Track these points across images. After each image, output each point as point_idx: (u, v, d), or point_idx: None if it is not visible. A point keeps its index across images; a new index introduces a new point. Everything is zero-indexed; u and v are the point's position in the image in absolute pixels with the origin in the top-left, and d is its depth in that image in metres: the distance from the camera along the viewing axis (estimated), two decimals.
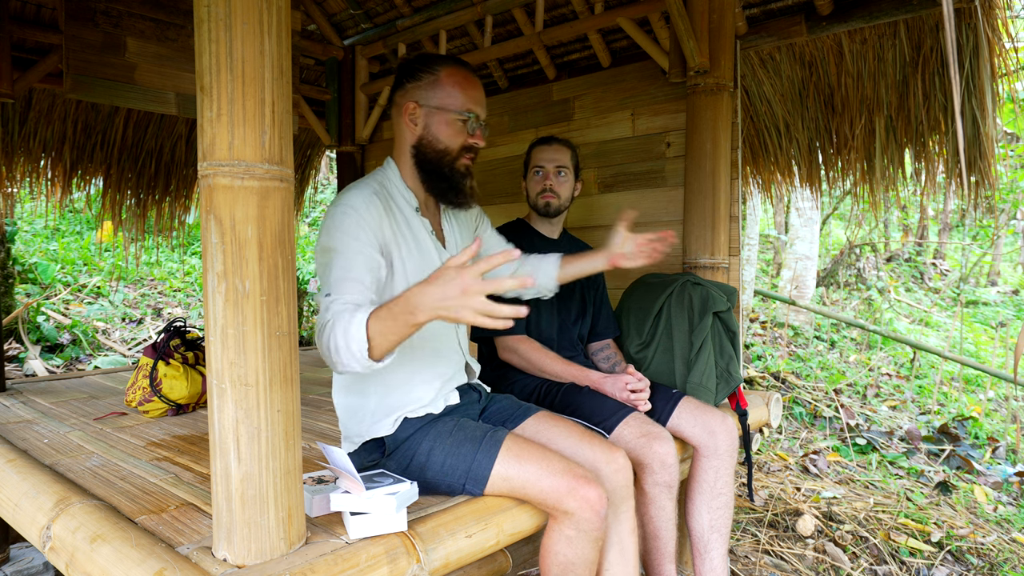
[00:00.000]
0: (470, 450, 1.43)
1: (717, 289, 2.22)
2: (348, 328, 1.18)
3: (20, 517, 1.43)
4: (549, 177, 2.10)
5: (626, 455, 1.59)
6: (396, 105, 1.54)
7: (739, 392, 2.19)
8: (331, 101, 3.87)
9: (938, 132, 2.51)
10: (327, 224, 1.38)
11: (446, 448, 1.45)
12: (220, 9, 1.03)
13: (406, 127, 1.52)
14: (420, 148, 1.51)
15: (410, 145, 1.52)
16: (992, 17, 2.17)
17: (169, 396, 2.30)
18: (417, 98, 1.50)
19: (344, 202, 1.38)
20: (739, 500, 3.09)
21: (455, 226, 1.67)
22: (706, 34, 2.39)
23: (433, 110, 1.49)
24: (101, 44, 2.69)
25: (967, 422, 4.32)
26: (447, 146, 1.51)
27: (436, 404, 1.53)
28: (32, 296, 5.45)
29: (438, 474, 1.44)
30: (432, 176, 1.53)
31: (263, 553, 1.09)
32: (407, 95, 1.51)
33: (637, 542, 1.62)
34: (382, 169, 1.56)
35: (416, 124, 1.50)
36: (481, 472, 1.41)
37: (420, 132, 1.51)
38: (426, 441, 1.47)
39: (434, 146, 1.50)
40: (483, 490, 1.42)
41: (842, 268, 8.62)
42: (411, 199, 1.54)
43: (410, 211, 1.52)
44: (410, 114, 1.50)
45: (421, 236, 1.52)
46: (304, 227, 8.68)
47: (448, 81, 1.49)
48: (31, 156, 3.33)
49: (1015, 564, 2.67)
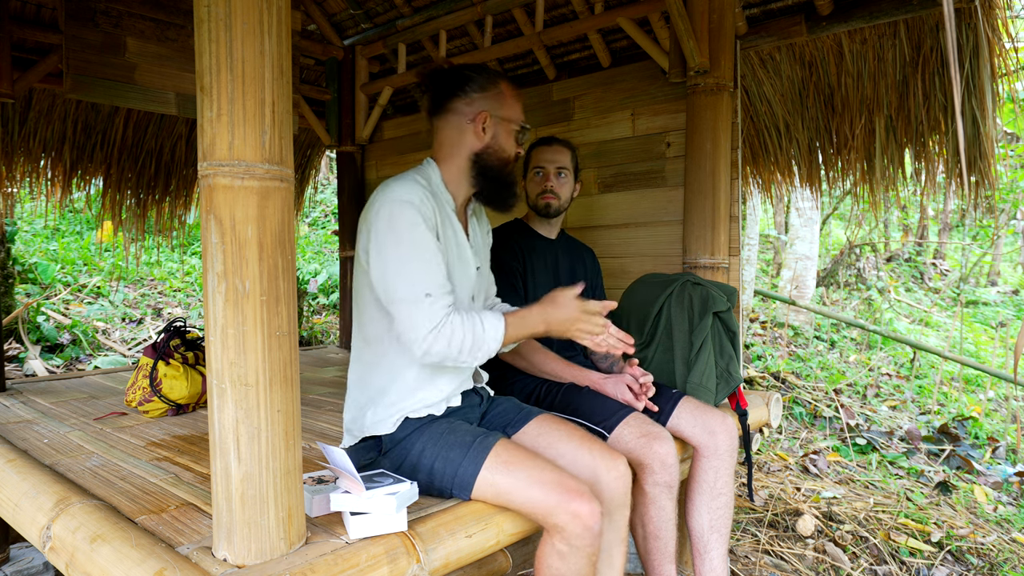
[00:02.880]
0: (458, 455, 1.41)
1: (717, 289, 2.21)
2: (483, 331, 1.40)
3: (20, 517, 1.43)
4: (549, 178, 2.10)
5: (627, 463, 1.59)
6: (458, 112, 1.55)
7: (739, 392, 2.19)
8: (331, 101, 3.87)
9: (938, 132, 2.51)
10: (385, 217, 1.40)
11: (436, 451, 1.44)
12: (220, 9, 1.03)
13: (472, 134, 1.55)
14: (484, 156, 1.56)
15: (472, 151, 1.56)
16: (992, 17, 2.17)
17: (169, 396, 2.30)
18: (487, 108, 1.54)
19: (400, 197, 1.40)
20: (739, 500, 3.09)
21: (478, 231, 1.72)
22: (706, 34, 2.39)
23: (501, 120, 1.56)
24: (101, 44, 2.69)
25: (967, 422, 4.32)
26: (509, 155, 1.60)
27: (439, 406, 1.53)
28: (32, 296, 5.45)
29: (427, 476, 1.43)
30: (493, 182, 1.59)
31: (263, 553, 1.09)
32: (475, 104, 1.54)
33: (627, 551, 1.62)
34: (423, 168, 1.57)
35: (486, 133, 1.55)
36: (467, 479, 1.39)
37: (488, 141, 1.56)
38: (419, 442, 1.46)
39: (499, 155, 1.58)
40: (470, 495, 1.40)
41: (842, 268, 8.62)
42: (450, 200, 1.58)
43: (449, 211, 1.56)
44: (483, 123, 1.54)
45: (459, 235, 1.57)
46: (304, 227, 8.68)
47: (509, 94, 1.59)
48: (31, 156, 3.33)
49: (1015, 564, 2.67)
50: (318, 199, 9.44)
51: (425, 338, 1.35)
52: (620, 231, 2.87)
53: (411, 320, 1.36)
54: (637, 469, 1.79)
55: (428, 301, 1.35)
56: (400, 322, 1.38)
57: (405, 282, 1.36)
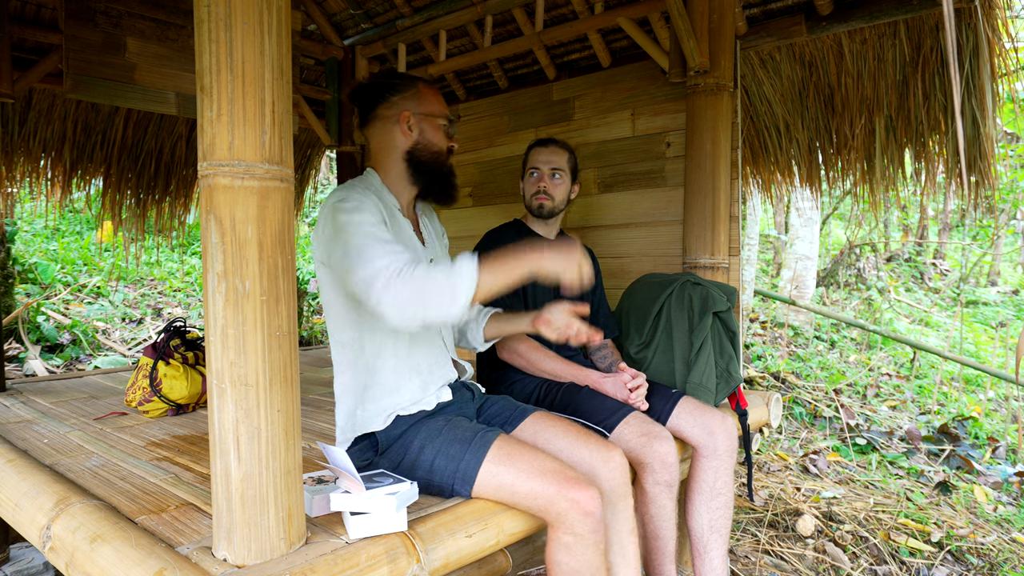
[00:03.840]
0: (459, 450, 1.43)
1: (717, 289, 2.21)
2: (456, 270, 1.30)
3: (20, 517, 1.43)
4: (544, 179, 2.10)
5: (623, 453, 1.60)
6: (382, 117, 1.62)
7: (739, 392, 2.19)
8: (331, 101, 3.87)
9: (938, 132, 2.50)
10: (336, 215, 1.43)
11: (436, 447, 1.45)
12: (220, 9, 1.03)
13: (400, 134, 1.61)
14: (415, 153, 1.62)
15: (403, 151, 1.62)
16: (992, 17, 2.17)
17: (169, 396, 2.30)
18: (408, 107, 1.60)
19: (344, 197, 1.46)
20: (739, 500, 3.09)
21: (429, 228, 1.76)
22: (706, 34, 2.39)
23: (424, 117, 1.61)
24: (101, 44, 2.69)
25: (967, 422, 4.32)
26: (439, 148, 1.64)
27: (427, 401, 1.55)
28: (32, 296, 5.45)
29: (428, 473, 1.44)
30: (429, 177, 1.64)
31: (263, 553, 1.09)
32: (395, 106, 1.61)
33: (638, 542, 1.62)
34: (364, 176, 1.64)
35: (411, 131, 1.61)
36: (469, 472, 1.40)
37: (416, 138, 1.61)
38: (417, 439, 1.48)
39: (429, 149, 1.62)
40: (471, 490, 1.41)
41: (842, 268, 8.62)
42: (393, 201, 1.62)
43: (396, 210, 1.61)
44: (407, 122, 1.60)
45: (408, 230, 1.62)
46: (304, 227, 8.68)
47: (427, 91, 1.64)
48: (31, 156, 3.33)
49: (1015, 564, 2.67)
50: (318, 199, 9.45)
51: (388, 283, 1.29)
52: (620, 231, 2.87)
53: (372, 276, 1.32)
54: (637, 468, 1.80)
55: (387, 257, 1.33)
56: (364, 287, 1.33)
57: (364, 256, 1.35)
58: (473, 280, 1.31)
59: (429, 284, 1.30)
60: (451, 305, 1.30)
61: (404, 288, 1.29)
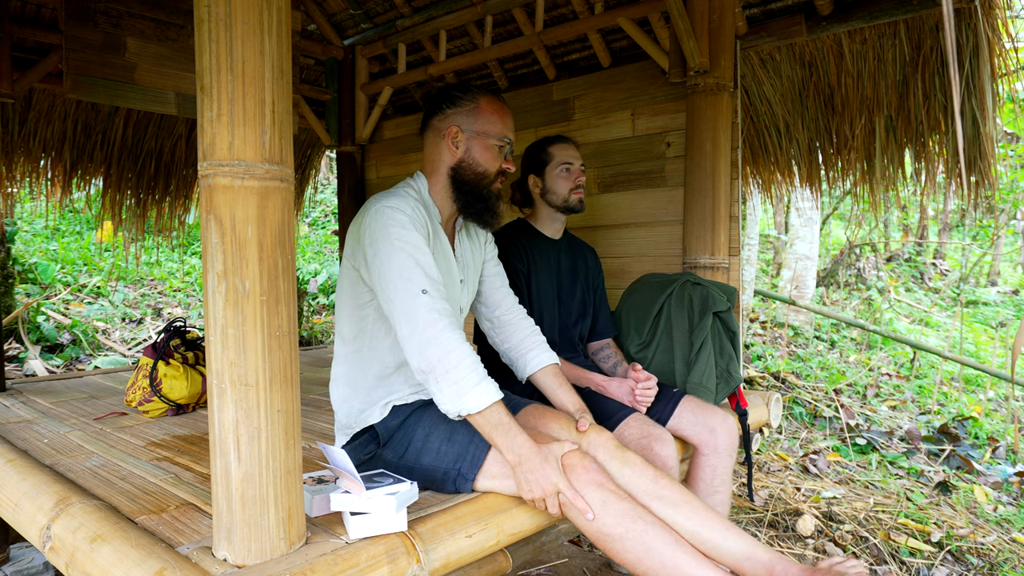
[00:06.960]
0: (465, 435, 1.45)
1: (717, 289, 2.21)
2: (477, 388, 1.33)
3: (20, 517, 1.43)
4: (579, 175, 2.13)
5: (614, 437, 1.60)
6: (434, 129, 1.61)
7: (739, 392, 2.19)
8: (331, 101, 3.87)
9: (938, 132, 2.50)
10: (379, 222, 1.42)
11: (442, 433, 1.47)
12: (220, 9, 1.03)
13: (446, 149, 1.59)
14: (459, 170, 1.59)
15: (448, 167, 1.59)
16: (992, 17, 2.17)
17: (169, 396, 2.30)
18: (459, 123, 1.58)
19: (391, 205, 1.44)
20: (739, 500, 3.09)
21: (466, 246, 1.73)
22: (706, 34, 2.39)
23: (474, 135, 1.58)
24: (101, 44, 2.69)
25: (967, 422, 4.31)
26: (486, 169, 1.59)
27: (426, 391, 1.56)
28: (32, 296, 5.45)
29: (434, 459, 1.46)
30: (469, 197, 1.60)
31: (263, 553, 1.09)
32: (447, 119, 1.58)
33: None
34: (412, 180, 1.62)
35: (457, 147, 1.58)
36: (478, 455, 1.43)
37: (461, 155, 1.58)
38: (420, 427, 1.49)
39: (474, 169, 1.59)
40: (477, 472, 1.43)
41: (842, 268, 8.62)
42: (436, 214, 1.61)
43: (437, 223, 1.60)
44: (452, 137, 1.57)
45: (446, 246, 1.60)
46: (304, 227, 8.68)
47: (488, 109, 1.59)
48: (31, 156, 3.33)
49: (1015, 564, 2.67)
50: (318, 199, 9.45)
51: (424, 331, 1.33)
52: (620, 231, 2.87)
53: (407, 315, 1.36)
54: None
55: (425, 298, 1.36)
56: (397, 320, 1.38)
57: (403, 279, 1.37)
58: (480, 408, 1.34)
59: (451, 370, 1.33)
60: (452, 401, 1.34)
61: (431, 350, 1.33)
